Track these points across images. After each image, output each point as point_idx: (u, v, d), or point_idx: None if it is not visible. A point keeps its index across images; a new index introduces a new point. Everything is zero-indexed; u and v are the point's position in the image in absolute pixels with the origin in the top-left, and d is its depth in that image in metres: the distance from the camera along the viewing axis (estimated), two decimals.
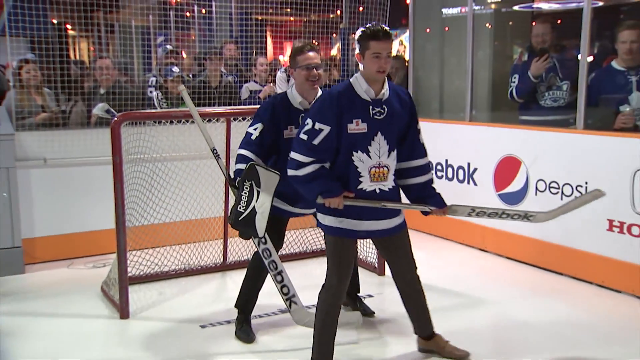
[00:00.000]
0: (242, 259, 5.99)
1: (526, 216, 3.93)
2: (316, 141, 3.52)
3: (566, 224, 5.50)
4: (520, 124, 6.18)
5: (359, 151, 3.59)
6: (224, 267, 5.94)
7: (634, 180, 5.00)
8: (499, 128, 6.31)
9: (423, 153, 3.90)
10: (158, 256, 5.74)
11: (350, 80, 3.68)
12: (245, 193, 3.81)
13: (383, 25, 3.58)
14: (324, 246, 6.20)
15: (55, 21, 7.94)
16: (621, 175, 5.06)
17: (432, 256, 6.29)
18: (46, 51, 6.24)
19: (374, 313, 4.78)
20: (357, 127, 3.56)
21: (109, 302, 5.09)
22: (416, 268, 3.99)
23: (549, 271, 5.71)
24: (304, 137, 3.55)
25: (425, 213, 3.93)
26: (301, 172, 3.56)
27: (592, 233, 5.33)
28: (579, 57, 5.52)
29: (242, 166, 3.91)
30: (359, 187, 3.63)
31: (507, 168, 6.08)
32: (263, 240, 4.03)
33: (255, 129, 4.06)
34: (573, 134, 5.52)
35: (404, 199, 3.93)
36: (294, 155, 3.59)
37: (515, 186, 6.01)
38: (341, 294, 3.75)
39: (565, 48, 6.04)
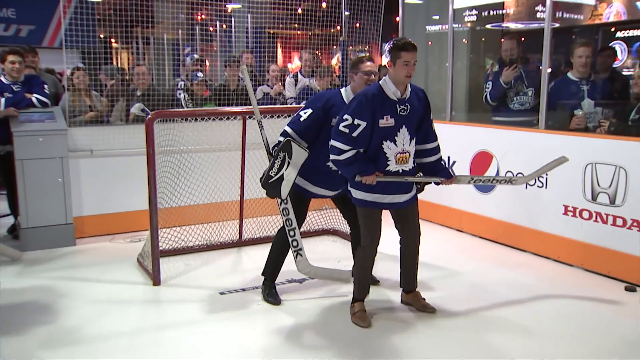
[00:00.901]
0: (255, 237, 6.00)
1: (510, 180, 4.18)
2: (355, 134, 3.74)
3: (530, 208, 5.54)
4: (492, 124, 6.17)
5: (388, 141, 3.82)
6: (240, 243, 5.93)
7: (585, 172, 5.02)
8: (474, 127, 6.30)
9: (434, 137, 4.13)
10: (184, 233, 5.73)
11: (380, 83, 3.83)
12: (278, 161, 3.96)
13: (410, 40, 3.81)
14: (324, 226, 6.29)
15: (102, 36, 7.95)
16: (575, 168, 5.06)
17: None
18: (94, 60, 6.28)
19: (379, 282, 4.80)
20: (386, 122, 3.78)
21: (144, 271, 5.11)
22: (420, 234, 4.24)
23: (515, 248, 5.72)
24: (345, 130, 3.75)
25: (436, 183, 4.14)
26: (342, 157, 3.77)
27: (551, 216, 5.34)
28: (541, 68, 5.53)
29: (282, 139, 4.06)
30: (387, 168, 3.88)
31: (481, 161, 6.07)
32: (285, 200, 4.15)
33: (305, 113, 4.14)
34: (536, 133, 5.52)
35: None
36: (335, 143, 3.80)
37: None
38: (372, 251, 4.04)
39: (529, 61, 6.05)
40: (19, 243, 5.83)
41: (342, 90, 4.26)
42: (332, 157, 3.83)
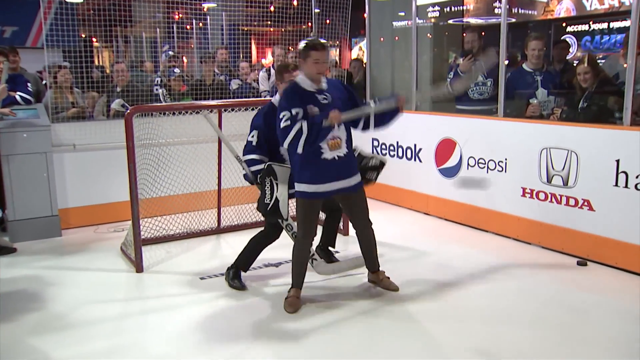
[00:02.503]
0: (233, 224, 6.01)
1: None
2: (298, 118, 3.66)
3: (490, 191, 5.62)
4: (455, 112, 6.24)
5: None
6: (218, 230, 5.92)
7: (540, 156, 5.11)
8: (438, 116, 6.34)
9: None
10: (165, 222, 5.72)
11: (296, 80, 3.86)
12: (268, 187, 4.01)
13: (321, 40, 3.81)
14: None
15: (83, 35, 7.84)
16: (531, 152, 5.16)
17: (386, 219, 6.35)
18: (76, 59, 6.19)
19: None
20: (312, 110, 3.71)
21: (127, 259, 5.09)
22: (369, 220, 4.16)
23: (478, 229, 5.81)
24: (287, 123, 3.65)
25: (393, 113, 3.99)
26: (303, 135, 3.62)
27: (510, 198, 5.43)
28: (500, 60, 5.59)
29: (259, 167, 4.15)
30: (322, 157, 3.79)
31: (445, 148, 6.14)
32: (286, 218, 4.16)
33: (252, 136, 4.24)
34: (495, 120, 5.58)
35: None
36: (289, 138, 3.66)
37: (451, 162, 6.07)
38: (308, 245, 4.03)
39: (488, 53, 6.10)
40: (7, 235, 5.76)
41: (273, 99, 4.32)
42: (296, 147, 3.67)
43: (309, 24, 7.58)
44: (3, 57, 5.77)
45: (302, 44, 3.76)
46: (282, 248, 4.50)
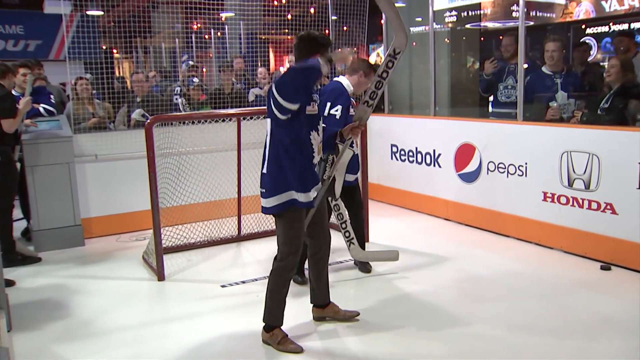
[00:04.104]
0: (253, 232, 6.03)
1: (393, 54, 3.63)
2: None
3: (511, 196, 5.57)
4: (474, 117, 6.20)
5: (313, 130, 3.40)
6: (239, 238, 5.94)
7: (561, 160, 5.05)
8: (457, 121, 6.31)
9: None
10: (186, 230, 5.76)
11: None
12: (329, 164, 3.72)
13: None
14: None
15: (104, 47, 7.97)
16: (552, 156, 5.10)
17: (406, 225, 6.35)
18: (97, 71, 6.29)
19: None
20: (312, 109, 3.36)
21: (149, 268, 5.13)
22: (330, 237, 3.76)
23: (499, 234, 5.75)
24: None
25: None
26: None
27: (531, 202, 5.37)
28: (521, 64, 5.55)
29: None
30: (314, 160, 3.45)
31: (465, 153, 6.10)
32: (336, 198, 4.21)
33: (336, 110, 4.13)
34: (515, 124, 5.54)
35: None
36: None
37: (471, 167, 6.03)
38: (294, 267, 3.49)
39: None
40: (31, 245, 5.86)
41: (344, 83, 4.35)
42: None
43: (327, 31, 7.61)
44: (28, 70, 5.89)
45: (307, 35, 3.40)
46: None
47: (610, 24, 7.67)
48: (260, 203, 3.38)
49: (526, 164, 5.39)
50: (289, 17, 7.67)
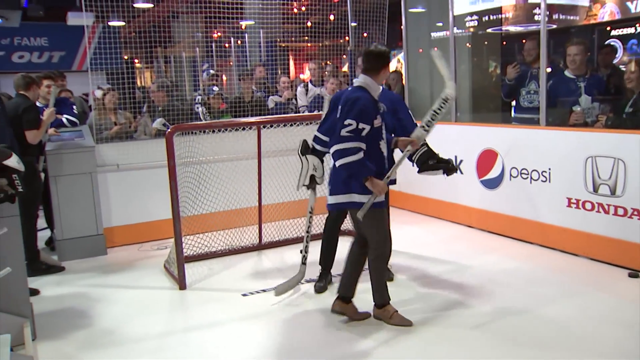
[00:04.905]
0: (274, 240, 6.04)
1: (445, 100, 3.99)
2: (362, 134, 3.66)
3: (535, 202, 5.52)
4: (496, 122, 6.17)
5: (382, 141, 3.82)
6: (260, 247, 5.96)
7: (585, 165, 4.99)
8: (479, 127, 6.28)
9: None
10: (207, 239, 5.79)
11: (363, 86, 3.77)
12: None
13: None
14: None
15: (126, 57, 8.12)
16: (576, 161, 5.05)
17: (428, 232, 6.32)
18: (119, 81, 6.40)
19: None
20: (378, 122, 3.76)
21: (170, 277, 5.18)
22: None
23: (522, 241, 5.69)
24: (350, 134, 3.63)
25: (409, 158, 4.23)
26: (356, 156, 3.65)
27: (555, 209, 5.32)
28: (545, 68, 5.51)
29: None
30: (385, 168, 3.87)
31: (487, 159, 6.06)
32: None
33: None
34: (537, 129, 5.49)
35: None
36: (346, 145, 3.65)
37: (493, 173, 5.98)
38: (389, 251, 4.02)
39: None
40: (55, 254, 5.97)
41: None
42: (342, 161, 3.63)
43: (346, 37, 7.65)
44: (52, 81, 6.01)
45: (377, 50, 3.78)
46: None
47: (637, 25, 7.57)
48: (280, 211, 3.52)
49: (550, 169, 5.34)
50: (309, 24, 7.73)
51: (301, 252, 4.64)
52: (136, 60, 11.20)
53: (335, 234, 4.70)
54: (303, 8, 7.96)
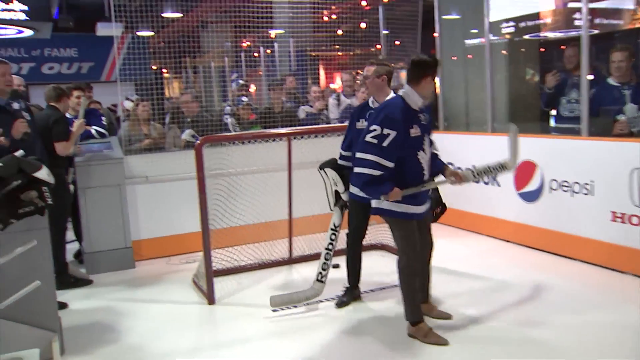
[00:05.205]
0: (305, 254, 6.02)
1: (503, 166, 4.13)
2: (385, 143, 3.68)
3: (577, 216, 5.40)
4: (536, 132, 6.07)
5: (420, 150, 3.84)
6: (290, 261, 5.95)
7: (631, 177, 4.87)
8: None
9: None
10: (236, 253, 5.80)
11: (402, 95, 3.83)
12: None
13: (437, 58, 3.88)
14: (372, 241, 6.23)
15: (154, 67, 8.25)
16: (621, 173, 4.92)
17: (464, 247, 6.25)
18: (147, 92, 6.49)
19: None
20: (415, 132, 3.78)
21: (199, 291, 5.19)
22: (433, 245, 4.26)
23: (563, 257, 5.56)
24: (373, 140, 3.70)
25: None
26: (374, 171, 3.72)
27: (598, 223, 5.19)
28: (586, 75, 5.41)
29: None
30: (424, 178, 3.92)
31: (525, 171, 5.95)
32: None
33: None
34: (579, 140, 5.39)
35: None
36: (366, 156, 3.73)
37: (532, 186, 5.88)
38: (417, 265, 3.98)
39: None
40: (83, 267, 6.05)
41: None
42: (360, 169, 3.72)
43: (378, 46, 7.64)
44: (82, 92, 6.11)
45: (417, 59, 3.81)
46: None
47: None
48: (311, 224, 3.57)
49: (592, 182, 5.22)
50: (340, 32, 7.75)
51: (323, 270, 4.62)
52: (164, 71, 11.37)
53: (356, 248, 4.69)
54: (334, 16, 8.00)
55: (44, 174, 3.74)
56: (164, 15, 9.05)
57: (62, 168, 5.39)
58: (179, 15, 8.42)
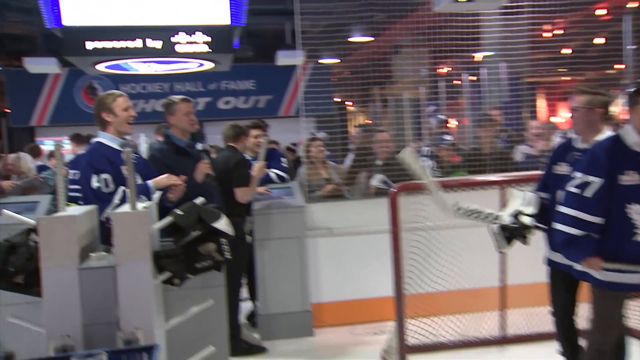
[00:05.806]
0: (521, 333, 5.74)
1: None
2: (587, 194, 3.61)
3: None
4: None
5: (633, 203, 3.61)
6: (502, 340, 5.70)
7: None
8: None
9: None
10: (435, 325, 5.68)
11: (619, 132, 3.69)
12: None
13: None
14: None
15: (337, 99, 8.54)
16: None
17: None
18: (330, 127, 6.69)
19: None
20: (630, 178, 3.59)
21: None
22: None
23: None
24: (576, 190, 3.66)
25: None
26: (575, 231, 3.66)
27: None
28: None
29: None
30: (634, 238, 3.65)
31: None
32: None
33: None
34: None
35: None
36: (565, 210, 3.72)
37: None
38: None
39: None
40: (257, 331, 6.26)
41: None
42: (559, 226, 3.72)
43: (620, 66, 7.20)
44: (261, 131, 6.43)
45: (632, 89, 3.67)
46: None
47: None
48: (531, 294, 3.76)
49: None
50: (566, 51, 7.44)
51: None
52: (349, 103, 11.76)
53: (567, 322, 4.44)
54: (558, 31, 7.71)
55: (223, 224, 3.93)
56: (350, 39, 9.39)
57: (240, 216, 5.66)
58: (370, 39, 8.68)
